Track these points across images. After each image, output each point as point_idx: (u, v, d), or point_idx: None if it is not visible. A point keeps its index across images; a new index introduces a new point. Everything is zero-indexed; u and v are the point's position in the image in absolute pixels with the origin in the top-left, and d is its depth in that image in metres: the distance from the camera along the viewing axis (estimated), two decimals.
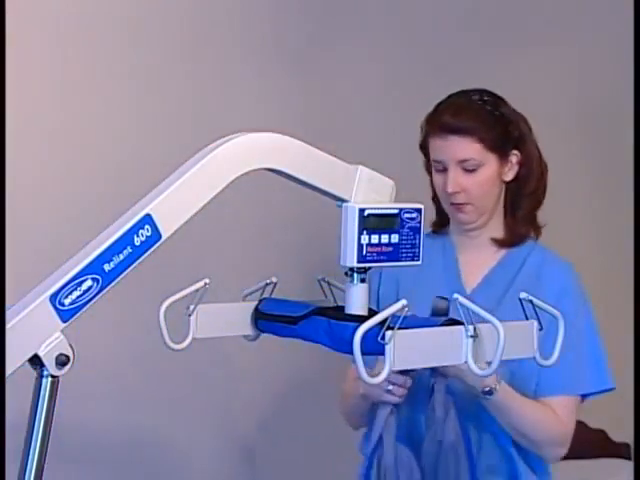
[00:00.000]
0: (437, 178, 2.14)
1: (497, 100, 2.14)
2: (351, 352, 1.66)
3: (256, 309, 1.71)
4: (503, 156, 2.12)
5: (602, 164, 3.59)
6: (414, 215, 1.56)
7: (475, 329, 1.45)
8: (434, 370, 1.96)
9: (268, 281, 1.73)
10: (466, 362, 1.46)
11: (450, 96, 2.15)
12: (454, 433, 1.97)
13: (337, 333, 1.54)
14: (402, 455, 2.01)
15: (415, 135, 2.19)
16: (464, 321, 1.46)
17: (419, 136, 2.18)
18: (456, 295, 1.50)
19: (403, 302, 1.43)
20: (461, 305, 1.47)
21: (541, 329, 1.54)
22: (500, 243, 2.17)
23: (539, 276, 2.14)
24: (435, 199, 2.21)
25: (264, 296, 1.72)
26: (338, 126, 2.93)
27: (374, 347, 1.42)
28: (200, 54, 2.72)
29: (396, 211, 1.54)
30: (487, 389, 1.99)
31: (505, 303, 2.07)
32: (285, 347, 1.97)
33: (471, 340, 1.45)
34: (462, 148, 2.07)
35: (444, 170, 2.10)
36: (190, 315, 1.62)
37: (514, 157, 2.14)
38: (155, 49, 2.63)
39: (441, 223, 2.24)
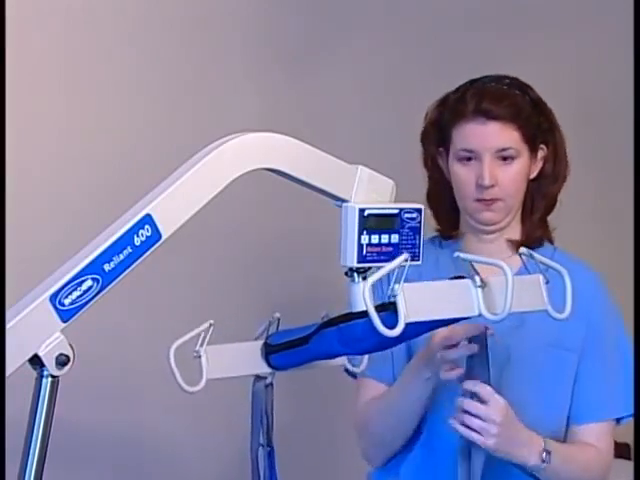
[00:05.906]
0: (461, 171, 1.93)
1: (527, 87, 1.99)
2: (365, 352, 1.66)
3: (265, 344, 1.72)
4: (533, 150, 1.96)
5: (602, 164, 3.59)
6: (414, 215, 1.56)
7: (482, 280, 1.47)
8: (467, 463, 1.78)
9: (271, 319, 1.74)
10: (480, 315, 1.46)
11: (473, 82, 1.97)
12: None
13: (347, 335, 1.53)
14: None
15: (415, 135, 2.17)
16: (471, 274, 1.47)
17: (418, 135, 2.07)
18: (457, 253, 1.52)
19: (405, 255, 1.44)
20: (463, 260, 1.50)
21: (547, 282, 1.54)
22: (518, 246, 1.86)
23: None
24: (434, 199, 2.01)
25: (271, 332, 1.72)
26: (337, 126, 2.93)
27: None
28: (200, 54, 2.72)
29: (396, 211, 1.54)
30: (544, 452, 1.81)
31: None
32: None
33: (480, 290, 1.47)
34: (503, 135, 1.90)
35: (470, 160, 1.92)
36: (200, 357, 1.65)
37: (541, 152, 1.98)
38: (154, 50, 2.63)
39: (450, 227, 2.03)
